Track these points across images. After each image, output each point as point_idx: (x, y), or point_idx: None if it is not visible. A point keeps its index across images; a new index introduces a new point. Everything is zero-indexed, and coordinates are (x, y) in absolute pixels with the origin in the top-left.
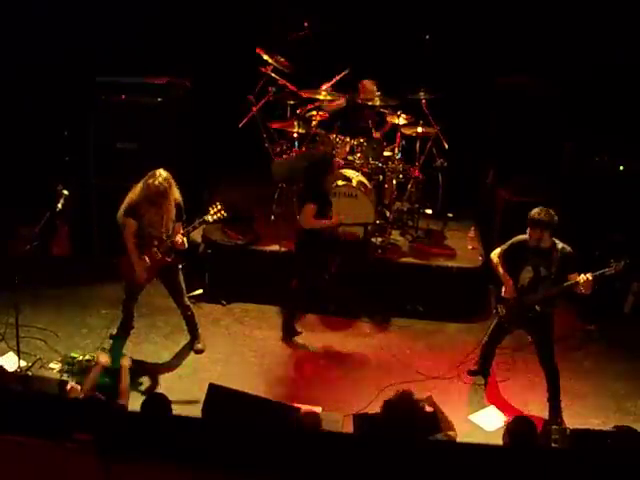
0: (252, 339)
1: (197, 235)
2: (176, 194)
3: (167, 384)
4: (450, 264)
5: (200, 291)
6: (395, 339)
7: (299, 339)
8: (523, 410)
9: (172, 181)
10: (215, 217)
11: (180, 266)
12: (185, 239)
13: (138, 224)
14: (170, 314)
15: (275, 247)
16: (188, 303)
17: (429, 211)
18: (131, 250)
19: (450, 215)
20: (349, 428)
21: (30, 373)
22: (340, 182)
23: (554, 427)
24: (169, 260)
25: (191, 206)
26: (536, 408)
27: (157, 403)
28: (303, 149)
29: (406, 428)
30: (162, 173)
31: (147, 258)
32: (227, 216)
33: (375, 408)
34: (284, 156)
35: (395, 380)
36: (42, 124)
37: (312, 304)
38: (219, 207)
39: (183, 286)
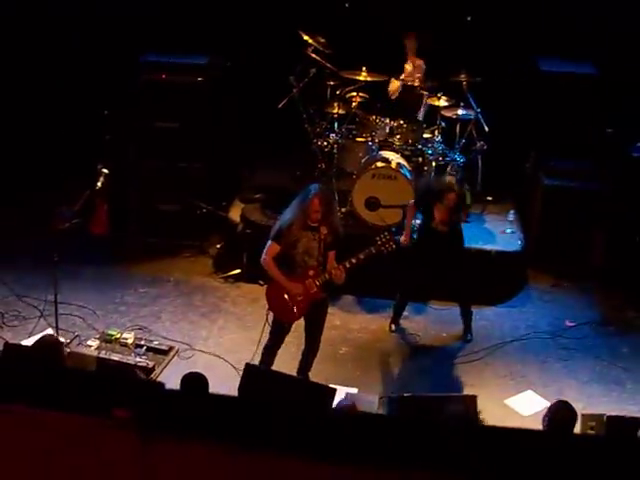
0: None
1: (236, 214)
2: (336, 217)
3: (205, 363)
4: (489, 248)
5: (238, 271)
6: (432, 322)
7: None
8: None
9: (333, 200)
10: (382, 249)
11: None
12: (344, 273)
13: (290, 252)
14: (207, 292)
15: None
16: (319, 345)
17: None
18: (278, 276)
19: (489, 198)
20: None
21: (68, 350)
22: (379, 163)
23: (591, 414)
24: (322, 295)
25: (231, 187)
26: (573, 393)
27: (195, 382)
28: (342, 130)
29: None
30: (320, 190)
31: (300, 290)
32: (388, 247)
33: (409, 390)
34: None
35: (431, 363)
36: (83, 103)
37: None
38: (387, 237)
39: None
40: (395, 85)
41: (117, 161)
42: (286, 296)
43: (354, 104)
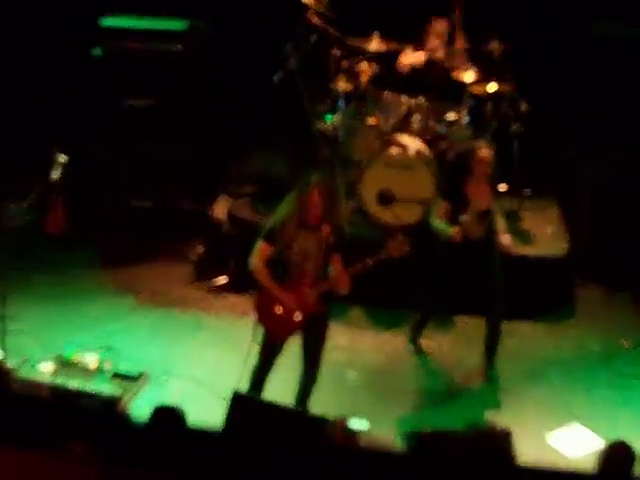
0: None
1: (221, 211)
2: (340, 214)
3: (183, 390)
4: (527, 252)
5: (224, 279)
6: (459, 340)
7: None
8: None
9: (337, 192)
10: (395, 253)
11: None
12: (349, 281)
13: (284, 255)
14: (187, 305)
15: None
16: (319, 369)
17: (502, 187)
18: (269, 284)
19: (527, 192)
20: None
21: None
22: (394, 150)
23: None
24: (323, 308)
25: (216, 177)
26: (628, 428)
27: (170, 415)
28: (350, 109)
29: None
30: (321, 181)
31: (295, 301)
32: (402, 251)
33: (431, 424)
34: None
35: (456, 391)
36: (35, 77)
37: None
38: (401, 240)
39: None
40: (411, 57)
41: (78, 146)
42: (279, 309)
43: (364, 79)
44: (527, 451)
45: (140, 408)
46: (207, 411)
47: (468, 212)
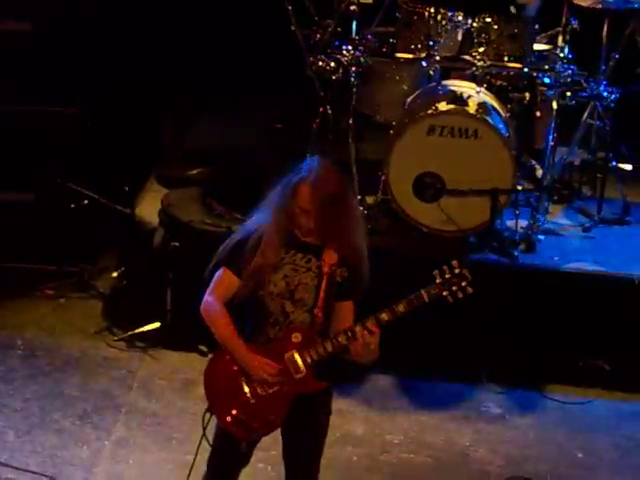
0: None
1: (149, 209)
2: (355, 229)
3: None
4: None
5: (156, 325)
6: (553, 430)
7: None
8: None
9: (347, 188)
10: (448, 293)
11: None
12: (374, 336)
13: (259, 292)
14: (94, 369)
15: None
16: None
17: (628, 166)
18: (231, 341)
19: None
20: None
21: None
22: (444, 105)
23: None
24: (320, 386)
25: (140, 155)
26: None
27: None
28: (368, 37)
29: None
30: (320, 168)
31: (274, 372)
32: (460, 291)
33: None
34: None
35: None
36: None
37: None
38: (460, 272)
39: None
40: None
41: None
42: (244, 383)
43: None
44: None
45: None
46: None
47: None
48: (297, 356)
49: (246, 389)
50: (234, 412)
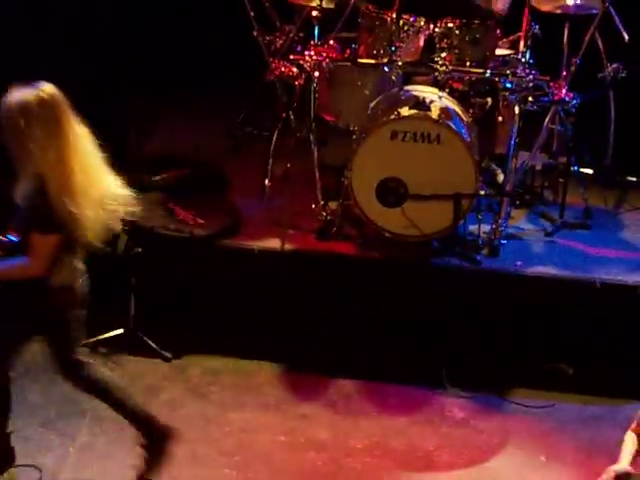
0: (225, 431)
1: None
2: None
3: None
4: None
5: (119, 331)
6: (517, 434)
7: None
8: None
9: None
10: None
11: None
12: None
13: None
14: (51, 379)
15: (272, 242)
16: None
17: (589, 170)
18: None
19: (632, 179)
20: None
21: None
22: (406, 110)
23: None
24: None
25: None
26: None
27: None
28: (331, 41)
29: None
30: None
31: None
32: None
33: None
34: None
35: None
36: None
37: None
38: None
39: None
40: None
41: None
42: None
43: None
44: None
45: None
46: None
47: None
48: None
49: None
50: None
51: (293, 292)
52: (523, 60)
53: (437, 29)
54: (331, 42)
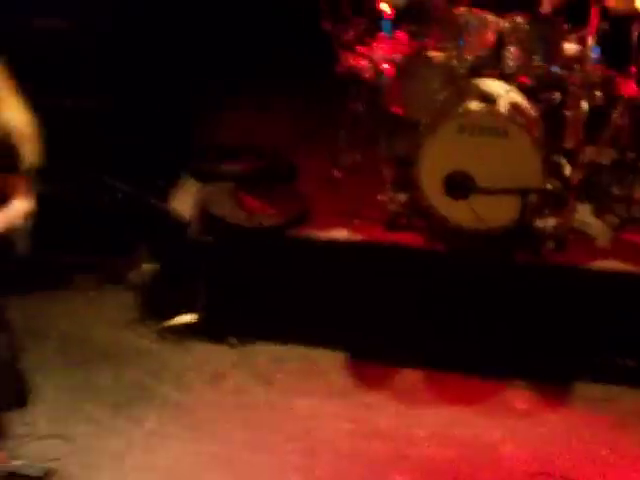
0: (290, 417)
1: (183, 205)
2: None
3: None
4: None
5: (190, 318)
6: (579, 426)
7: None
8: None
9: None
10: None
11: None
12: None
13: None
14: (125, 361)
15: (341, 232)
16: None
17: None
18: None
19: None
20: None
21: None
22: (474, 105)
23: None
24: None
25: (175, 148)
26: None
27: None
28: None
29: None
30: None
31: None
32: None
33: None
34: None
35: None
36: None
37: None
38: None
39: None
40: None
41: None
42: None
43: None
44: None
45: None
46: None
47: None
48: None
49: None
50: None
51: (360, 282)
52: (591, 55)
53: (506, 24)
54: (401, 35)
